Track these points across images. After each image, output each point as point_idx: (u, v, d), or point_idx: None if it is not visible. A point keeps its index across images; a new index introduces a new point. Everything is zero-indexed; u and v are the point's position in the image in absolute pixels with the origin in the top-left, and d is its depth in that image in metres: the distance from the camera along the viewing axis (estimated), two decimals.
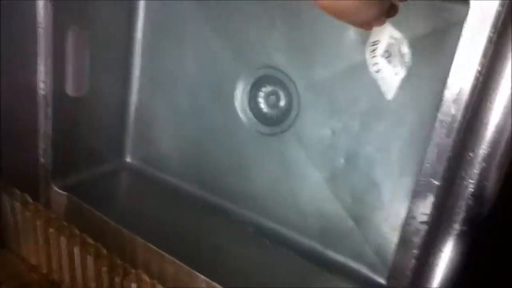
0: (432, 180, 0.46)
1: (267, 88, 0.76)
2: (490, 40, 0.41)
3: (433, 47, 0.60)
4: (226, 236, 0.77)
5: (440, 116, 0.45)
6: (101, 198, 0.81)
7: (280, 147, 0.76)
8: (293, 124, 0.74)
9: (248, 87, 0.77)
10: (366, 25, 0.43)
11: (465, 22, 0.42)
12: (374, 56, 0.53)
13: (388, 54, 0.52)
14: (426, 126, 0.59)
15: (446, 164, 0.44)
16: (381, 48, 0.52)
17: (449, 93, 0.44)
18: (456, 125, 0.44)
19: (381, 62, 0.53)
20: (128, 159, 0.92)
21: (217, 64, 0.79)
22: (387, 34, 0.51)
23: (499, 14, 0.41)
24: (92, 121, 0.82)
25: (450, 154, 0.44)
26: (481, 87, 0.42)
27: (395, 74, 0.54)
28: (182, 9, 0.80)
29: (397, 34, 0.51)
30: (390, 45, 0.52)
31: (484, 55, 0.42)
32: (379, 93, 0.65)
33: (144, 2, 0.83)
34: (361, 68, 0.65)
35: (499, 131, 0.41)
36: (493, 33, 0.41)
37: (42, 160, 0.78)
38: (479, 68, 0.42)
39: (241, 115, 0.79)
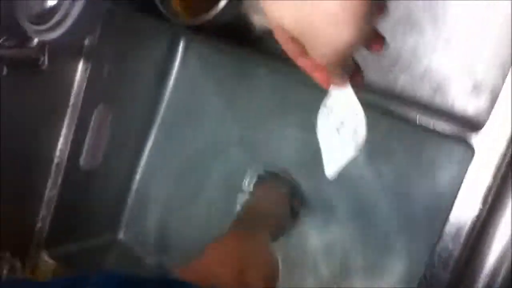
0: None
1: None
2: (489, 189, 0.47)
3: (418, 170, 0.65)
4: None
5: (438, 249, 0.48)
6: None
7: (283, 244, 0.77)
8: (295, 224, 0.75)
9: (254, 182, 0.80)
10: (326, 80, 0.41)
11: (468, 168, 0.47)
12: (325, 121, 0.45)
13: (341, 126, 0.43)
14: (420, 254, 0.64)
15: None
16: (336, 115, 0.44)
17: (449, 229, 0.48)
18: (452, 261, 0.47)
19: (331, 131, 0.44)
20: (121, 236, 0.92)
21: (228, 155, 0.81)
22: (347, 103, 0.42)
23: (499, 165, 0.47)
24: (95, 194, 0.84)
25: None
26: (480, 227, 0.46)
27: (343, 152, 0.43)
28: (208, 100, 0.84)
29: (358, 108, 0.42)
30: (346, 117, 0.43)
31: (484, 201, 0.46)
32: (376, 207, 0.69)
33: (172, 88, 0.86)
34: (362, 183, 0.70)
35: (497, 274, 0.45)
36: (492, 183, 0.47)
37: (39, 225, 0.79)
38: (477, 213, 0.47)
39: None
